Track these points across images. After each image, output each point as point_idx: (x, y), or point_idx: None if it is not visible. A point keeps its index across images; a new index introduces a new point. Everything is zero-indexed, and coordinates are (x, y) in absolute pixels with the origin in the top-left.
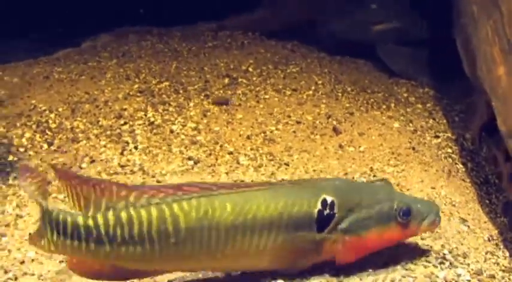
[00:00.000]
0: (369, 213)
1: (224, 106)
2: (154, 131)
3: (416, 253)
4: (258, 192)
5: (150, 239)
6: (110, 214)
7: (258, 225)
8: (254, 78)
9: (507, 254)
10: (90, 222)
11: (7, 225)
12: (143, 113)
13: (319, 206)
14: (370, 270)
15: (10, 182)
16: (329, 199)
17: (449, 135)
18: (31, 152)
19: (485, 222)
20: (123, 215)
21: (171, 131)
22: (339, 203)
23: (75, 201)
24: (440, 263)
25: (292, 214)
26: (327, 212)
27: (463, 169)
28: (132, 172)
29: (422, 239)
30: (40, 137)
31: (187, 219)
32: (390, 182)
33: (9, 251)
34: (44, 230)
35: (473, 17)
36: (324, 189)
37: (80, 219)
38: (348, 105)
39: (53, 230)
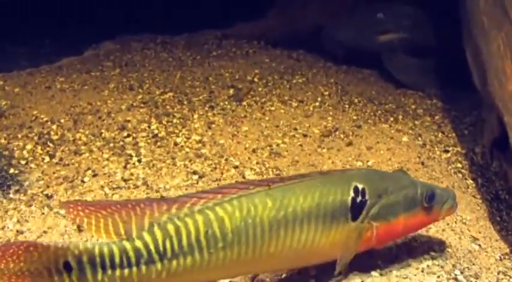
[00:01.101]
0: (397, 199)
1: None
2: (158, 143)
3: (427, 273)
4: (294, 185)
5: (199, 247)
6: (156, 229)
7: (299, 218)
8: (260, 89)
9: None
10: (138, 243)
11: (8, 242)
12: (147, 125)
13: (352, 193)
14: None
15: (11, 195)
16: (360, 186)
17: (459, 149)
18: (32, 165)
19: (496, 240)
20: (170, 227)
21: (175, 144)
22: (369, 190)
23: (112, 230)
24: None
25: (328, 203)
26: (359, 199)
27: (473, 185)
28: (136, 186)
29: (432, 258)
30: (42, 149)
31: (232, 220)
32: (405, 172)
33: None
34: (82, 274)
35: (484, 29)
36: (353, 177)
37: (127, 243)
38: (355, 117)
39: (97, 267)
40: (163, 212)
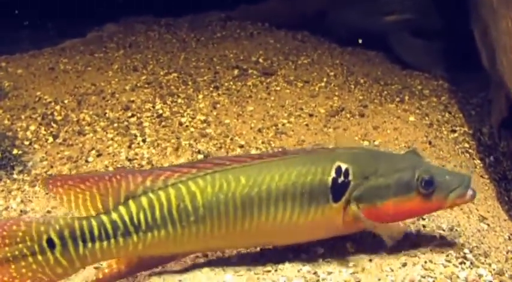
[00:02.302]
0: (386, 182)
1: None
2: (163, 123)
3: (436, 252)
4: (272, 163)
5: (172, 220)
6: (131, 202)
7: (273, 196)
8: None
9: None
10: (114, 215)
11: None
12: (151, 105)
13: (333, 173)
14: (389, 270)
15: (15, 176)
16: (343, 166)
17: (466, 129)
18: (36, 145)
19: (505, 220)
20: (144, 199)
21: (180, 124)
22: (354, 170)
23: (90, 204)
24: (461, 262)
25: (306, 183)
26: (341, 179)
27: (481, 164)
28: (140, 166)
29: (441, 237)
30: (45, 130)
31: (203, 195)
32: (419, 152)
33: None
34: (65, 249)
35: (492, 8)
36: (338, 156)
37: (104, 217)
38: (361, 97)
39: (78, 241)
40: (139, 184)
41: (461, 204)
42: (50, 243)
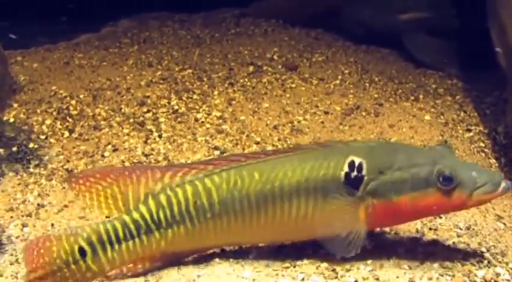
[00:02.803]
0: (403, 176)
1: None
2: (179, 119)
3: (453, 251)
4: (286, 159)
5: (190, 216)
6: (150, 200)
7: (286, 192)
8: (279, 67)
9: None
10: (136, 215)
11: (28, 215)
12: (167, 101)
13: (346, 168)
14: (407, 268)
15: (31, 170)
16: (357, 161)
17: (481, 128)
18: (52, 140)
19: None
20: (162, 197)
21: (196, 120)
22: (368, 165)
23: (112, 202)
24: (478, 261)
25: (318, 178)
26: (354, 174)
27: (496, 164)
28: (157, 161)
29: (458, 236)
30: (61, 124)
31: (219, 191)
32: (450, 146)
33: None
34: (95, 255)
35: (510, 7)
36: (353, 150)
37: (126, 217)
38: (376, 95)
39: (106, 245)
40: (157, 180)
41: (491, 199)
42: (82, 251)
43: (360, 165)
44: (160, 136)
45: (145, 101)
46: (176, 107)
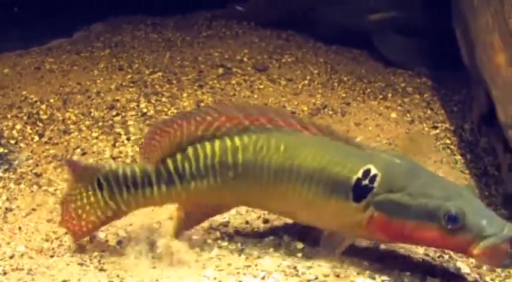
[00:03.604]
0: (410, 203)
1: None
2: (147, 121)
3: (415, 247)
4: (313, 140)
5: (214, 172)
6: (178, 154)
7: (302, 174)
8: (249, 68)
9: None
10: (160, 166)
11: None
12: (136, 104)
13: (360, 174)
14: (367, 264)
15: (0, 174)
16: (373, 171)
17: (448, 125)
18: (22, 144)
19: None
20: (190, 150)
21: None
22: (382, 179)
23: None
24: (439, 256)
25: (332, 173)
26: (365, 182)
27: (462, 160)
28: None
29: None
30: (31, 129)
31: (244, 152)
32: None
33: None
34: (111, 193)
35: (473, 5)
36: (374, 160)
37: (150, 167)
38: (344, 95)
39: (122, 186)
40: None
41: (494, 258)
42: (100, 185)
43: (374, 176)
44: (128, 139)
45: (115, 104)
46: (145, 110)
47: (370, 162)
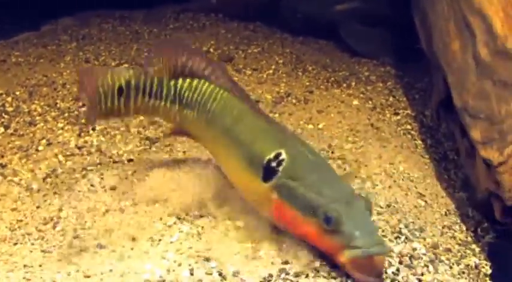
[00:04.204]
0: (301, 192)
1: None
2: None
3: None
4: (256, 115)
5: (199, 107)
6: (180, 80)
7: (234, 136)
8: (214, 59)
9: (464, 228)
10: (172, 82)
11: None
12: None
13: (272, 155)
14: None
15: None
16: (283, 156)
17: (409, 112)
18: None
19: (442, 197)
20: (195, 83)
21: None
22: (287, 165)
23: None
24: (396, 237)
25: (255, 146)
26: (273, 164)
27: (422, 145)
28: (89, 153)
29: (379, 213)
30: None
31: (217, 104)
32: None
33: None
34: (133, 94)
35: None
36: (289, 146)
37: (165, 80)
38: (307, 83)
39: (139, 92)
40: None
41: (359, 271)
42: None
43: (281, 161)
44: (93, 129)
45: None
46: None
47: (284, 147)
